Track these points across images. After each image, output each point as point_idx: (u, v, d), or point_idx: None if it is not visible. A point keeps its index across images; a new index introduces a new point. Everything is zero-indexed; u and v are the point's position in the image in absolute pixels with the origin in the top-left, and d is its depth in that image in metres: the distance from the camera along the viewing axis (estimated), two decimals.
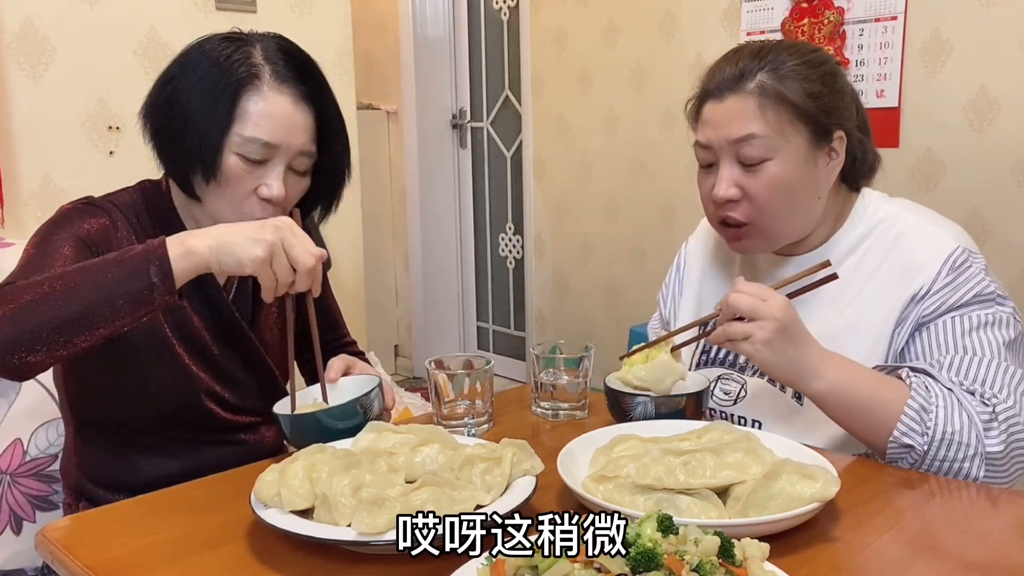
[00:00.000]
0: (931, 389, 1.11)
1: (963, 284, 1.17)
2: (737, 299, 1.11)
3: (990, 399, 1.11)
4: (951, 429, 1.08)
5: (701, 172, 1.28)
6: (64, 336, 1.01)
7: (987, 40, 2.39)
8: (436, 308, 4.40)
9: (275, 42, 1.23)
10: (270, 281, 1.07)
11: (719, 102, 1.22)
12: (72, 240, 1.17)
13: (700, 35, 3.04)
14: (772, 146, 1.19)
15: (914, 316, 1.19)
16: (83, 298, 1.01)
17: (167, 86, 1.21)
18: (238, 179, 1.19)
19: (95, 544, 0.94)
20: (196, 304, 1.26)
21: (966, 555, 0.90)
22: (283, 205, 1.23)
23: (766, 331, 1.09)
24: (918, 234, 1.23)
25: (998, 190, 2.41)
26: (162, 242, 1.04)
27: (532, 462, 0.98)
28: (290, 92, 1.19)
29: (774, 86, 1.19)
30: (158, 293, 1.03)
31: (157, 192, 1.29)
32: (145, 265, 1.02)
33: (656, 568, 0.67)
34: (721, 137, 1.21)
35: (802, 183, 1.21)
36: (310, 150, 1.23)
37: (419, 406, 3.08)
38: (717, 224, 1.28)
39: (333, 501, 0.89)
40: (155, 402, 1.26)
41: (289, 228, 1.08)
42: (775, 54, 1.21)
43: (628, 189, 3.37)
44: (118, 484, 1.28)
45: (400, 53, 4.16)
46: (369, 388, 1.18)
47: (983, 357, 1.14)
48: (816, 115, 1.20)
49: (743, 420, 1.31)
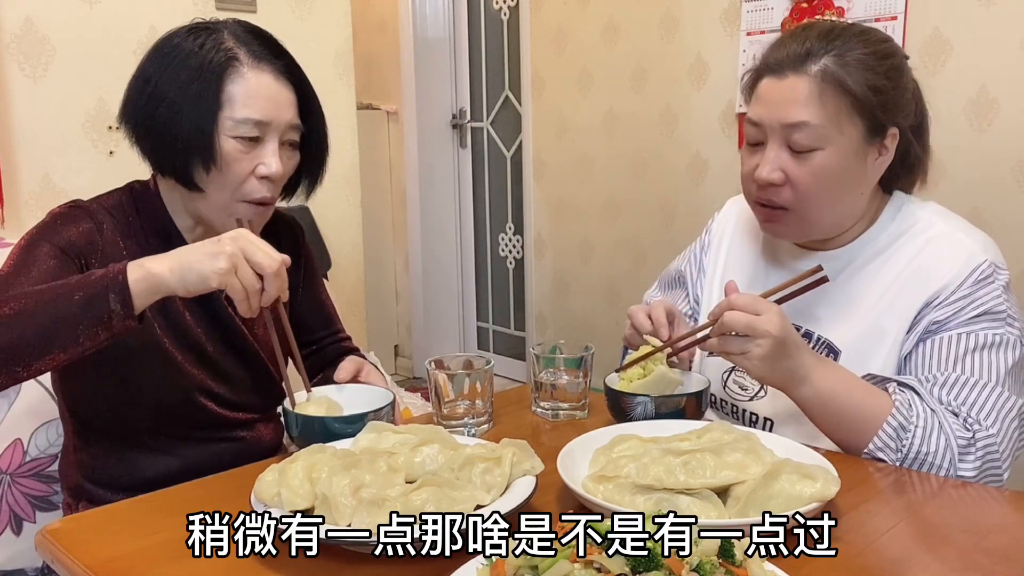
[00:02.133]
0: (914, 408, 1.12)
1: (979, 298, 1.16)
2: (733, 319, 1.11)
3: (972, 424, 1.11)
4: (925, 450, 1.10)
5: (746, 149, 1.24)
6: (23, 359, 1.02)
7: (987, 40, 2.39)
8: (436, 308, 4.40)
9: (241, 26, 1.25)
10: (239, 292, 1.06)
11: (778, 79, 1.18)
12: (54, 252, 1.18)
13: (700, 35, 3.04)
14: (824, 136, 1.16)
15: (925, 322, 1.18)
16: (42, 323, 1.02)
17: (147, 86, 1.22)
18: (237, 161, 1.20)
19: (95, 544, 0.94)
20: (189, 301, 1.26)
21: (966, 555, 0.90)
22: (280, 183, 1.25)
23: (763, 348, 1.10)
24: (948, 242, 1.21)
25: (998, 190, 2.41)
26: (123, 268, 1.05)
27: (532, 462, 0.98)
28: (269, 69, 1.22)
29: (837, 72, 1.15)
30: (117, 319, 1.04)
31: (146, 192, 1.30)
32: (105, 292, 1.03)
33: (656, 568, 0.67)
34: (774, 118, 1.18)
35: (848, 176, 1.19)
36: (297, 123, 1.25)
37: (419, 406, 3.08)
38: (753, 203, 1.26)
39: (333, 501, 0.89)
40: (149, 401, 1.27)
41: (246, 237, 1.07)
42: (844, 39, 1.17)
43: (628, 189, 3.37)
44: (117, 483, 1.28)
45: (400, 53, 4.16)
46: (382, 404, 1.17)
47: (979, 380, 1.13)
48: (874, 109, 1.17)
49: (755, 416, 1.31)
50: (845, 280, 1.25)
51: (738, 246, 1.42)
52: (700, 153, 3.11)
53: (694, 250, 1.51)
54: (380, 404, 1.17)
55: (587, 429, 1.14)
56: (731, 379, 1.34)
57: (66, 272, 1.16)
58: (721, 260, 1.43)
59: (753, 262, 1.38)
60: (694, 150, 3.13)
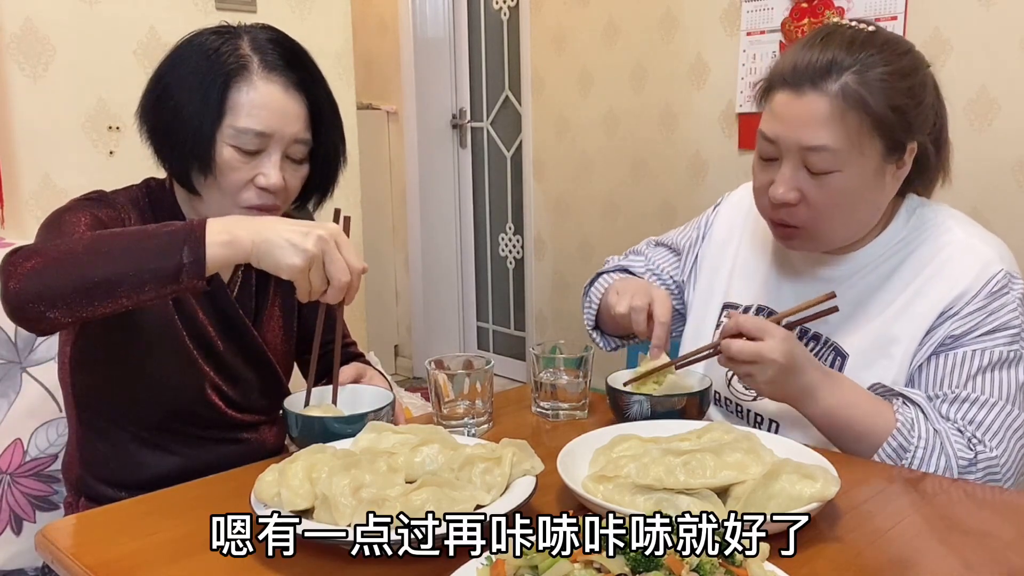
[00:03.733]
0: (916, 428, 1.12)
1: (995, 311, 1.15)
2: (740, 350, 1.12)
3: (975, 444, 1.12)
4: (925, 470, 1.11)
5: (759, 163, 1.20)
6: (87, 298, 1.00)
7: (987, 40, 2.39)
8: (436, 308, 4.40)
9: (264, 32, 1.23)
10: (304, 287, 1.05)
11: (797, 96, 1.13)
12: (89, 218, 1.17)
13: (700, 35, 3.04)
14: (844, 159, 1.12)
15: (941, 334, 1.16)
16: (112, 264, 1.00)
17: (159, 83, 1.21)
18: (235, 170, 1.19)
19: (95, 544, 0.94)
20: (201, 299, 1.26)
21: (966, 555, 0.90)
22: (283, 194, 1.23)
23: (768, 374, 1.11)
24: (964, 250, 1.19)
25: (998, 190, 2.41)
26: (202, 223, 1.03)
27: (532, 462, 0.98)
28: (280, 80, 1.19)
29: (858, 92, 1.10)
30: (186, 275, 1.01)
31: (161, 190, 1.30)
32: (180, 244, 1.01)
33: (656, 568, 0.67)
34: (791, 138, 1.13)
35: (867, 194, 1.16)
36: (305, 138, 1.23)
37: (419, 406, 3.08)
38: (768, 219, 1.24)
39: (333, 501, 0.88)
40: (161, 393, 1.26)
41: (334, 239, 1.05)
42: (867, 53, 1.12)
43: (628, 189, 3.37)
44: (120, 481, 1.28)
45: (400, 53, 4.16)
46: (382, 404, 1.17)
47: (988, 399, 1.13)
48: (895, 129, 1.13)
49: (760, 418, 1.31)
50: (856, 284, 1.24)
51: (747, 250, 1.40)
52: (700, 153, 3.11)
53: (688, 236, 1.49)
54: (380, 404, 1.17)
55: (587, 429, 1.14)
56: (735, 379, 1.34)
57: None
58: (727, 263, 1.41)
59: (765, 271, 1.36)
60: (694, 150, 3.13)
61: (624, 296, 1.30)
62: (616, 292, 1.33)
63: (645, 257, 1.54)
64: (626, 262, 1.55)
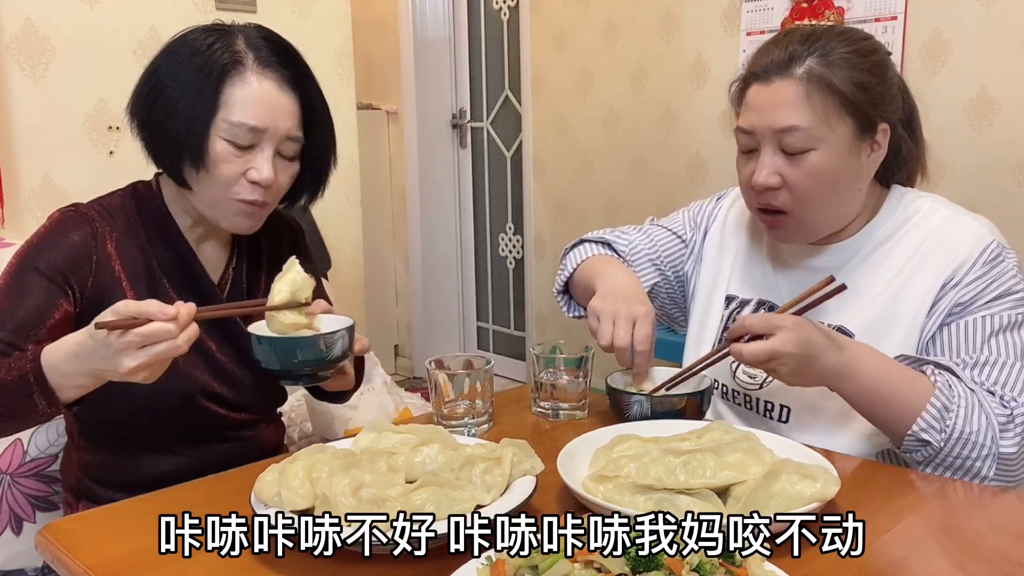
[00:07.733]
0: (954, 388, 1.13)
1: (996, 278, 1.18)
2: (752, 354, 1.11)
3: (1009, 402, 1.13)
4: (969, 429, 1.11)
5: (741, 157, 1.26)
6: None
7: (987, 40, 2.39)
8: (436, 308, 4.40)
9: (257, 30, 1.24)
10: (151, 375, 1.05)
11: (765, 85, 1.20)
12: (42, 282, 1.19)
13: (700, 35, 3.04)
14: (816, 136, 1.17)
15: (946, 304, 1.19)
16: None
17: (152, 78, 1.22)
18: (227, 164, 1.19)
19: (95, 544, 0.94)
20: (191, 301, 1.26)
21: (966, 555, 0.90)
22: (274, 190, 1.24)
23: (789, 366, 1.11)
24: (954, 225, 1.23)
25: (998, 190, 2.41)
26: (39, 371, 1.05)
27: (532, 462, 0.98)
28: (274, 77, 1.21)
29: (822, 72, 1.17)
30: (44, 415, 1.09)
31: (148, 193, 1.30)
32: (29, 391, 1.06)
33: (656, 568, 0.67)
34: (765, 124, 1.19)
35: (843, 174, 1.20)
36: (297, 135, 1.24)
37: (419, 406, 3.08)
38: (756, 211, 1.28)
39: (333, 501, 0.89)
40: (151, 404, 1.26)
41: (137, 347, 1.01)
42: (825, 39, 1.19)
43: (628, 189, 3.37)
44: (119, 482, 1.28)
45: (400, 53, 4.16)
46: (337, 328, 1.14)
47: (1006, 360, 1.16)
48: (863, 106, 1.18)
49: (770, 405, 1.31)
50: (850, 272, 1.26)
51: (744, 251, 1.42)
52: (700, 153, 3.11)
53: (685, 222, 1.52)
54: (337, 327, 1.13)
55: (587, 429, 1.14)
56: (740, 369, 1.34)
57: (54, 300, 1.18)
58: (727, 264, 1.43)
59: (761, 266, 1.38)
60: (694, 150, 3.13)
61: (606, 321, 1.27)
62: (596, 316, 1.28)
63: (646, 235, 1.57)
64: (611, 237, 1.57)
